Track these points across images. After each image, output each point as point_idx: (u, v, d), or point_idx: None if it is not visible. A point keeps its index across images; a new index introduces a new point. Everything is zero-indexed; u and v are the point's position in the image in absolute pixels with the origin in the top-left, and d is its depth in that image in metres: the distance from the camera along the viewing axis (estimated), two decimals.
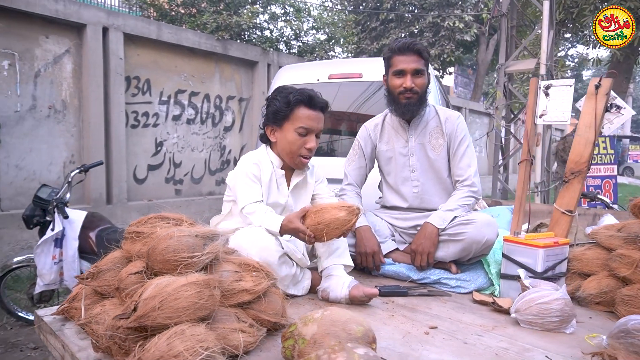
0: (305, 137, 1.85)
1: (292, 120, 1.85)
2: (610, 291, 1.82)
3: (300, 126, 1.83)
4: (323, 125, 1.92)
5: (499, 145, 5.65)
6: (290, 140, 1.85)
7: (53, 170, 4.93)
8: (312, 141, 1.86)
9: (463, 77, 26.06)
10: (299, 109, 1.84)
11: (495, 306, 1.75)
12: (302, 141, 1.85)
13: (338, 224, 1.61)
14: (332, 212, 1.62)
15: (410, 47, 2.14)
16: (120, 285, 1.16)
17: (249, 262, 1.32)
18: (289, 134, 1.85)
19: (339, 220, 1.61)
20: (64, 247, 2.99)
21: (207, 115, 6.50)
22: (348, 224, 1.62)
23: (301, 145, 1.85)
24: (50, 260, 2.96)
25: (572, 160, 1.99)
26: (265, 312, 1.30)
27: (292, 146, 1.85)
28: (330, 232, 1.61)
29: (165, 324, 1.00)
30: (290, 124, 1.85)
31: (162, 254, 1.12)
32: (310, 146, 1.86)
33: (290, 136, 1.85)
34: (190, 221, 1.32)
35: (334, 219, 1.60)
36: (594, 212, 2.65)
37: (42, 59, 4.83)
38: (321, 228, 1.60)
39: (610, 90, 1.92)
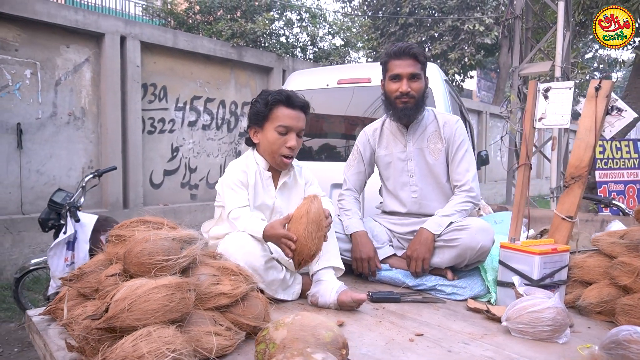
0: (285, 136, 1.88)
1: (272, 120, 1.88)
2: (611, 300, 1.75)
3: (279, 124, 1.87)
4: (304, 125, 1.94)
5: (513, 150, 5.53)
6: (271, 139, 1.88)
7: (72, 175, 5.09)
8: (292, 140, 1.88)
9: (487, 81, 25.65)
10: (277, 109, 1.88)
11: (489, 314, 1.72)
12: (283, 140, 1.87)
13: (310, 218, 1.60)
14: (299, 210, 1.64)
15: (406, 52, 2.13)
16: (99, 286, 1.19)
17: (228, 266, 1.34)
18: (270, 133, 1.88)
19: (309, 214, 1.60)
20: (75, 249, 3.07)
21: (222, 121, 6.60)
22: (319, 217, 1.62)
23: (282, 144, 1.88)
24: (63, 262, 3.05)
25: (572, 165, 1.93)
26: (244, 316, 1.31)
27: (273, 146, 1.88)
28: (310, 234, 1.60)
29: (134, 326, 1.02)
30: (270, 123, 1.88)
31: (137, 257, 1.15)
32: (291, 145, 1.88)
33: (270, 136, 1.88)
34: (172, 225, 1.34)
35: (303, 214, 1.61)
36: (602, 219, 2.56)
37: (62, 67, 5.00)
38: (298, 229, 1.60)
39: (610, 92, 1.86)
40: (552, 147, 4.35)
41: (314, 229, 1.61)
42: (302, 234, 1.59)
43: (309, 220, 1.61)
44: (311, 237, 1.61)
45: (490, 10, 11.33)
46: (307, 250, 1.62)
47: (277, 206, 1.95)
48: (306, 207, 1.63)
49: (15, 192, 4.68)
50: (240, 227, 1.72)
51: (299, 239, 1.60)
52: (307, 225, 1.60)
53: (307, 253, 1.62)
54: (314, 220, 1.62)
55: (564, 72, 4.34)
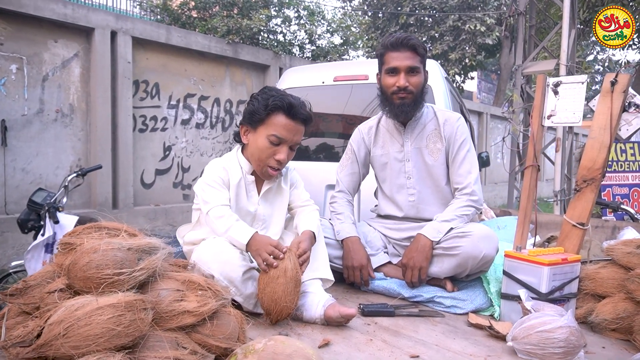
0: (276, 147, 1.69)
1: (267, 125, 1.69)
2: (627, 317, 1.59)
3: (273, 134, 1.68)
4: (301, 138, 1.75)
5: (515, 151, 5.36)
6: (260, 146, 1.70)
7: (59, 174, 4.92)
8: (283, 153, 1.70)
9: (487, 82, 25.49)
10: (276, 115, 1.69)
11: (492, 331, 1.55)
12: (272, 151, 1.69)
13: (288, 277, 1.48)
14: (275, 270, 1.50)
15: (404, 43, 1.96)
16: (40, 304, 1.02)
17: (194, 279, 1.16)
18: (261, 139, 1.70)
19: (287, 272, 1.48)
20: (54, 252, 2.92)
21: (216, 119, 6.43)
22: (297, 273, 1.51)
23: (270, 154, 1.70)
24: (41, 265, 2.89)
25: (585, 167, 1.76)
26: (214, 337, 1.14)
27: (261, 154, 1.70)
28: (288, 294, 1.48)
29: (70, 355, 0.85)
30: (264, 128, 1.70)
31: (82, 271, 0.98)
32: (280, 158, 1.69)
33: (261, 142, 1.70)
34: (132, 231, 1.17)
35: (280, 274, 1.48)
36: (613, 225, 2.39)
37: (50, 63, 4.83)
38: (276, 290, 1.47)
39: (628, 87, 1.69)
40: (555, 149, 4.19)
41: (292, 287, 1.48)
42: (280, 295, 1.45)
43: (287, 280, 1.47)
44: (290, 296, 1.47)
45: (491, 10, 11.17)
46: (286, 310, 1.49)
47: (259, 214, 1.77)
48: (283, 266, 1.48)
49: None
50: (221, 228, 1.55)
51: (277, 300, 1.45)
52: (285, 286, 1.46)
53: (286, 312, 1.50)
54: (292, 277, 1.48)
55: (569, 70, 4.18)
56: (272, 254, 1.50)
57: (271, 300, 1.45)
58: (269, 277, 1.48)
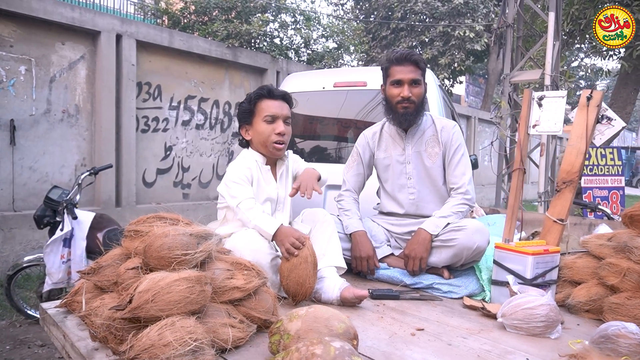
0: (273, 124, 2.01)
1: (258, 113, 2.02)
2: (599, 299, 1.84)
3: (265, 115, 2.00)
4: (289, 113, 2.08)
5: (503, 155, 5.67)
6: (261, 130, 2.01)
7: (65, 172, 5.07)
8: (280, 126, 2.01)
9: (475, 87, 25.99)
10: (261, 102, 2.03)
11: (484, 311, 1.80)
12: (272, 128, 2.00)
13: (310, 262, 1.72)
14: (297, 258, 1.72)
15: (407, 58, 2.21)
16: (118, 279, 1.23)
17: (241, 261, 1.39)
18: (259, 125, 2.01)
19: (308, 259, 1.71)
20: (72, 246, 3.08)
21: (216, 120, 6.62)
22: (316, 258, 1.76)
23: (271, 131, 2.00)
24: (59, 259, 3.05)
25: (564, 170, 2.03)
26: (256, 310, 1.36)
27: (264, 135, 2.01)
28: (311, 278, 1.72)
29: (158, 316, 1.07)
30: (258, 116, 2.02)
31: (157, 251, 1.20)
32: (280, 130, 2.01)
33: (259, 127, 2.01)
34: (186, 221, 1.39)
35: (302, 260, 1.71)
36: (589, 222, 2.67)
37: (57, 64, 4.98)
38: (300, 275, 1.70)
39: (601, 102, 1.96)
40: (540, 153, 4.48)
41: (313, 271, 1.72)
42: (305, 279, 1.69)
43: (309, 266, 1.71)
44: (312, 278, 1.72)
45: (480, 17, 11.53)
46: (309, 291, 1.72)
47: (280, 196, 2.06)
48: (305, 255, 1.71)
49: (7, 189, 4.64)
50: (252, 218, 1.79)
51: (303, 283, 1.69)
52: (307, 271, 1.70)
53: (309, 293, 1.73)
54: (312, 262, 1.72)
55: (553, 80, 4.48)
56: (294, 245, 1.73)
57: (297, 284, 1.68)
58: (292, 264, 1.70)
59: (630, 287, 1.74)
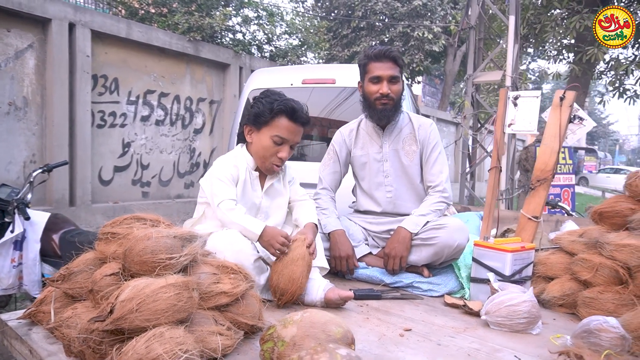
0: (279, 146, 1.87)
1: (271, 127, 1.85)
2: (572, 294, 1.90)
3: (277, 134, 1.85)
4: (300, 138, 1.94)
5: (466, 154, 5.82)
6: (265, 145, 1.86)
7: (12, 169, 4.72)
8: (284, 151, 1.88)
9: (430, 87, 26.68)
10: (280, 118, 1.85)
11: (466, 309, 1.80)
12: (276, 149, 1.86)
13: (305, 262, 1.71)
14: (292, 254, 1.70)
15: (386, 54, 2.18)
16: (93, 287, 1.12)
17: (227, 264, 1.31)
18: (265, 139, 1.86)
19: (304, 258, 1.70)
20: (24, 249, 2.86)
21: (176, 116, 6.39)
22: (310, 260, 1.73)
23: (274, 153, 1.87)
24: (9, 263, 2.83)
25: (538, 169, 2.07)
26: (243, 315, 1.29)
27: (265, 152, 1.87)
28: (304, 277, 1.70)
29: (143, 327, 0.98)
30: (268, 130, 1.85)
31: (139, 255, 1.10)
32: (282, 156, 1.88)
33: (265, 141, 1.86)
34: (167, 222, 1.30)
35: (299, 257, 1.69)
36: (556, 219, 2.77)
37: (2, 53, 4.62)
38: (294, 272, 1.67)
39: (573, 102, 2.02)
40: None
41: (306, 271, 1.69)
42: (298, 276, 1.66)
43: (304, 264, 1.68)
44: (305, 277, 1.68)
45: (438, 19, 11.80)
46: (299, 291, 1.69)
47: (263, 206, 1.94)
48: (301, 253, 1.69)
49: None
50: (234, 219, 1.69)
51: (295, 280, 1.65)
52: (302, 268, 1.67)
53: (298, 293, 1.69)
54: (308, 262, 1.70)
55: (514, 81, 4.64)
56: (284, 244, 1.67)
57: (289, 281, 1.63)
58: (284, 262, 1.66)
59: (603, 281, 1.80)
